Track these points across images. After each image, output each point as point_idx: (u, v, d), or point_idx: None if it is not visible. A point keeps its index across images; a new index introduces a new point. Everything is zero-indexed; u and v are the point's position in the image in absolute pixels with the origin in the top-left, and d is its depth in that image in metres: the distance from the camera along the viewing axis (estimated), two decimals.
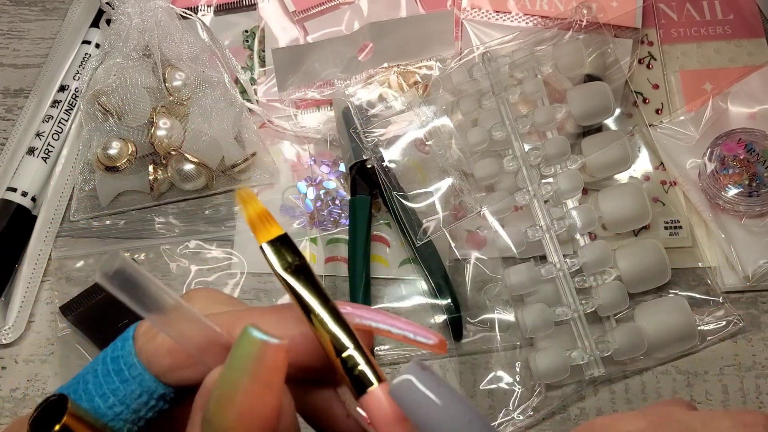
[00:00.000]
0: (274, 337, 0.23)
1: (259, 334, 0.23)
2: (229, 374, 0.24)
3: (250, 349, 0.23)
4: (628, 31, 0.65)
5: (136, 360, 0.27)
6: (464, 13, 0.67)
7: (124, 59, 0.61)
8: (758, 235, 0.58)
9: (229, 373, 0.24)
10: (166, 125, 0.61)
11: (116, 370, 0.27)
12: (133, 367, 0.27)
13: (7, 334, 0.58)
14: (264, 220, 0.26)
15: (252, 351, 0.23)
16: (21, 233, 0.61)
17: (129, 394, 0.27)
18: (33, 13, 0.73)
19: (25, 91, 0.69)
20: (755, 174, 0.57)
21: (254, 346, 0.23)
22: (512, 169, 0.57)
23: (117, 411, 0.27)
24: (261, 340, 0.23)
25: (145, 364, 0.27)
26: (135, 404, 0.27)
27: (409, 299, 0.59)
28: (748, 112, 0.62)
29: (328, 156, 0.64)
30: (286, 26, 0.68)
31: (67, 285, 0.60)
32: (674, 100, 0.65)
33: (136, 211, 0.63)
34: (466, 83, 0.59)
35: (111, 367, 0.27)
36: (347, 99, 0.63)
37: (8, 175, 0.63)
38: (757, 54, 0.66)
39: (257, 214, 0.26)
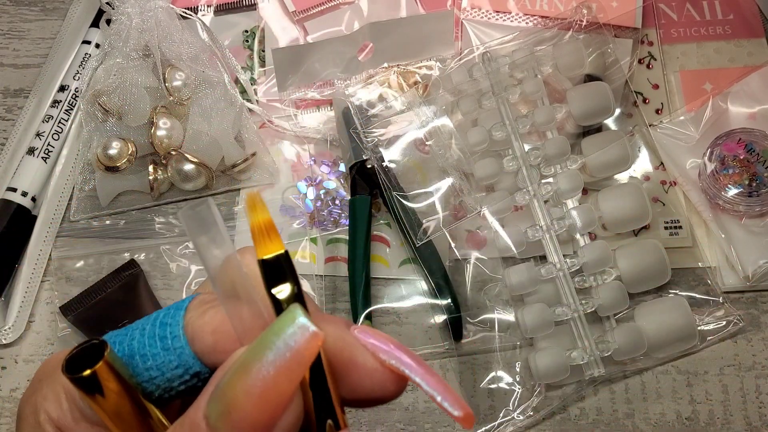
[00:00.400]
0: (315, 328, 0.23)
1: (303, 317, 0.23)
2: (256, 347, 0.23)
3: (287, 328, 0.23)
4: (628, 31, 0.65)
5: (182, 332, 0.27)
6: (464, 13, 0.67)
7: (124, 59, 0.61)
8: (758, 235, 0.58)
9: (257, 346, 0.23)
10: (166, 125, 0.61)
11: (161, 336, 0.27)
12: (176, 339, 0.27)
13: (7, 334, 0.58)
14: (268, 232, 0.25)
15: (288, 331, 0.23)
16: (21, 233, 0.61)
17: (167, 363, 0.27)
18: (33, 13, 0.73)
19: (25, 91, 0.69)
20: (755, 174, 0.57)
21: (293, 327, 0.23)
22: (512, 169, 0.57)
23: (152, 375, 0.27)
24: (302, 324, 0.23)
25: (189, 339, 0.27)
26: (170, 374, 0.27)
27: (409, 299, 0.59)
28: (748, 112, 0.62)
29: (328, 156, 0.64)
30: (286, 26, 0.68)
31: (67, 285, 0.60)
32: (674, 100, 0.65)
33: (136, 211, 0.63)
34: (466, 83, 0.59)
35: (158, 331, 0.27)
36: (347, 99, 0.63)
37: (8, 175, 0.63)
38: (757, 54, 0.66)
39: (263, 224, 0.25)
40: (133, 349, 0.27)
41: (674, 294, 0.58)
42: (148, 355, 0.27)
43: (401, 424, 0.56)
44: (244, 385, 0.23)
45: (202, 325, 0.27)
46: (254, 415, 0.23)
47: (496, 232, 0.56)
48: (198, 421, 0.24)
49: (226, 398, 0.23)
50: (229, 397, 0.23)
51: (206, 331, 0.27)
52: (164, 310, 0.28)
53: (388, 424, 0.56)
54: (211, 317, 0.27)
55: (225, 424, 0.23)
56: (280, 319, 0.23)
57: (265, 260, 0.25)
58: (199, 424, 0.24)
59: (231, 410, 0.23)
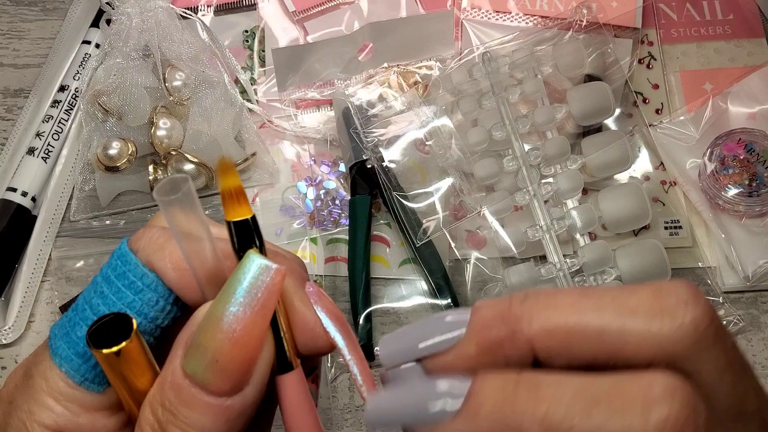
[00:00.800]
0: (274, 263, 0.25)
1: (260, 258, 0.25)
2: (224, 293, 0.24)
3: (250, 270, 0.24)
4: (628, 31, 0.65)
5: (146, 269, 0.28)
6: (464, 13, 0.67)
7: (124, 59, 0.61)
8: (758, 235, 0.58)
9: (225, 292, 0.24)
10: (166, 125, 0.61)
11: (127, 285, 0.27)
12: (145, 276, 0.28)
13: (7, 334, 0.58)
14: (237, 197, 0.26)
15: (253, 272, 0.24)
16: (21, 233, 0.61)
17: (146, 303, 0.28)
18: (33, 13, 0.73)
19: (25, 91, 0.69)
20: (755, 174, 0.57)
21: (256, 268, 0.24)
22: (512, 169, 0.57)
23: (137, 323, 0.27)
24: (263, 264, 0.24)
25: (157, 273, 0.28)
26: (153, 312, 0.28)
27: (409, 299, 0.59)
28: (748, 112, 0.62)
29: (328, 156, 0.64)
30: (286, 26, 0.68)
31: (67, 285, 0.60)
32: (674, 100, 0.65)
33: (136, 211, 0.63)
34: (466, 83, 0.59)
35: (120, 283, 0.28)
36: (347, 99, 0.63)
37: (8, 175, 0.63)
38: (757, 54, 0.66)
39: (233, 189, 0.26)
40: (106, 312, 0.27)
41: None
42: (125, 308, 0.27)
43: None
44: (222, 330, 0.24)
45: (162, 260, 0.28)
46: (240, 355, 0.24)
47: (496, 232, 0.56)
48: (179, 381, 0.25)
49: (208, 349, 0.24)
50: (212, 347, 0.24)
51: (168, 267, 0.28)
52: (106, 268, 0.28)
53: None
54: (170, 253, 0.28)
55: (213, 373, 0.24)
56: (242, 264, 0.25)
57: (234, 222, 0.26)
58: (182, 383, 0.25)
59: (216, 358, 0.24)
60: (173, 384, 0.25)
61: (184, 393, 0.25)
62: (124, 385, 0.26)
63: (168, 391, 0.25)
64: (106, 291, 0.28)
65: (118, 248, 0.29)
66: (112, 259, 0.28)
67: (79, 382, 0.27)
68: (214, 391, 0.24)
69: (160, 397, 0.25)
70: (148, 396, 0.26)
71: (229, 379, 0.24)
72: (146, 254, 0.28)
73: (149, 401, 0.26)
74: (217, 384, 0.24)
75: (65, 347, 0.27)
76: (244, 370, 0.25)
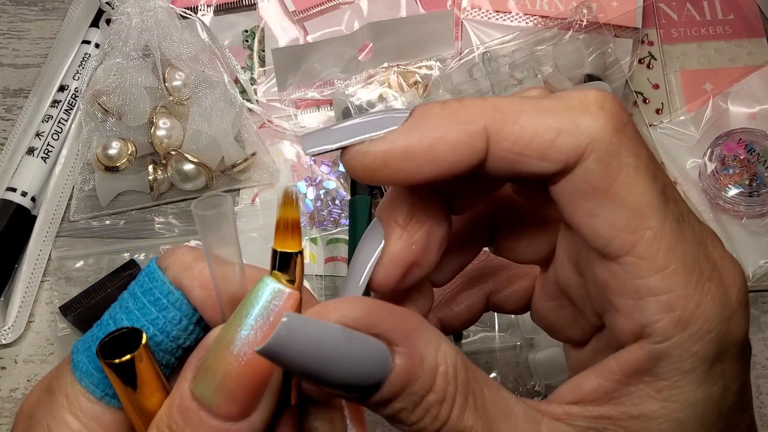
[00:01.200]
0: (287, 287, 0.24)
1: (274, 282, 0.24)
2: (235, 319, 0.24)
3: (263, 294, 0.24)
4: (628, 31, 0.65)
5: (173, 287, 0.28)
6: (464, 13, 0.67)
7: (124, 59, 0.61)
8: (758, 235, 0.58)
9: (236, 318, 0.24)
10: (165, 125, 0.61)
11: (152, 301, 0.28)
12: (171, 294, 0.28)
13: (6, 334, 0.58)
14: (291, 229, 0.26)
15: (265, 296, 0.24)
16: (21, 233, 0.61)
17: (169, 321, 0.27)
18: (33, 12, 0.73)
19: (25, 91, 0.69)
20: (755, 174, 0.57)
21: (268, 291, 0.24)
22: None
23: (157, 341, 0.27)
24: (275, 288, 0.24)
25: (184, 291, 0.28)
26: (175, 331, 0.28)
27: None
28: (749, 112, 0.62)
29: (328, 156, 0.64)
30: (286, 26, 0.68)
31: (67, 285, 0.60)
32: (674, 100, 0.65)
33: (136, 211, 0.63)
34: (466, 83, 0.59)
35: (146, 299, 0.28)
36: (347, 99, 0.63)
37: (8, 175, 0.63)
38: (757, 54, 0.66)
39: (289, 220, 0.26)
40: None
41: None
42: (148, 324, 0.27)
43: None
44: (233, 354, 0.24)
45: (191, 278, 0.28)
46: (248, 380, 0.24)
47: None
48: (187, 403, 0.24)
49: (218, 372, 0.24)
50: (221, 370, 0.24)
51: (196, 285, 0.28)
52: (135, 285, 0.28)
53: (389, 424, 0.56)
54: (200, 270, 0.28)
55: (221, 396, 0.24)
56: (255, 287, 0.24)
57: (280, 252, 0.25)
58: (189, 406, 0.24)
59: (226, 381, 0.24)
60: (181, 406, 0.25)
61: (191, 416, 0.24)
62: (132, 402, 0.26)
63: (175, 414, 0.25)
64: (131, 306, 0.28)
65: (147, 266, 0.29)
66: (140, 276, 0.29)
67: (99, 396, 0.27)
68: (221, 414, 0.24)
69: (167, 419, 0.25)
70: (156, 417, 0.26)
71: (236, 403, 0.24)
72: (174, 272, 0.28)
73: (156, 423, 0.26)
74: (225, 408, 0.24)
75: (86, 361, 0.27)
76: (252, 395, 0.24)
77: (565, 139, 0.23)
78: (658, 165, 0.24)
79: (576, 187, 0.23)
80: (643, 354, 0.23)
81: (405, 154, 0.23)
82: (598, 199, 0.23)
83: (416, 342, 0.23)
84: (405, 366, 0.23)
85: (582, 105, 0.23)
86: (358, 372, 0.23)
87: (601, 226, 0.23)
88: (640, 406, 0.24)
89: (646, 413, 0.24)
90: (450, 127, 0.23)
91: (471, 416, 0.24)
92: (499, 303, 0.33)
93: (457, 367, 0.24)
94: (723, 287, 0.24)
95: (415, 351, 0.23)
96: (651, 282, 0.23)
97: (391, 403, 0.23)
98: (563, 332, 0.30)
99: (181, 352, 0.28)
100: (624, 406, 0.24)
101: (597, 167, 0.23)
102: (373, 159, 0.23)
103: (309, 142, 0.24)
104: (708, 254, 0.24)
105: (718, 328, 0.23)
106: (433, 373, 0.23)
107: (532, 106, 0.23)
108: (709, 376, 0.23)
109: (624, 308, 0.24)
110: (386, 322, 0.23)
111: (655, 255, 0.23)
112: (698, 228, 0.24)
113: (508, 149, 0.23)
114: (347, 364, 0.22)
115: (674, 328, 0.23)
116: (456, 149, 0.23)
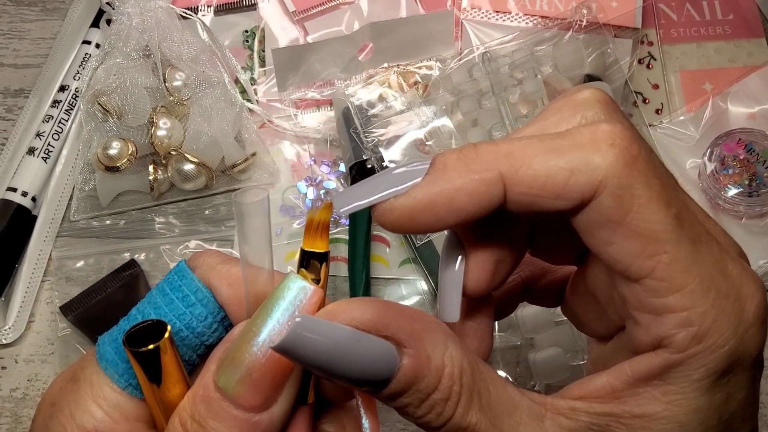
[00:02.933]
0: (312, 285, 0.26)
1: (299, 279, 0.26)
2: (261, 313, 0.25)
3: (288, 290, 0.25)
4: (628, 31, 0.66)
5: (201, 285, 0.29)
6: (464, 13, 0.67)
7: (125, 59, 0.61)
8: (758, 235, 0.58)
9: (262, 312, 0.25)
10: (166, 125, 0.61)
11: (180, 297, 0.29)
12: (198, 292, 0.29)
13: (7, 334, 0.58)
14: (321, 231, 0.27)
15: (291, 292, 0.25)
16: (21, 233, 0.61)
17: (195, 318, 0.28)
18: (33, 13, 0.73)
19: (26, 91, 0.69)
20: (755, 174, 0.58)
21: (293, 287, 0.25)
22: None
23: (182, 336, 0.28)
24: (300, 284, 0.25)
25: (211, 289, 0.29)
26: (200, 327, 0.29)
27: (409, 299, 0.59)
28: (748, 112, 0.62)
29: (328, 156, 0.64)
30: (286, 26, 0.68)
31: (67, 285, 0.60)
32: (674, 100, 0.65)
33: (137, 211, 0.63)
34: (466, 83, 0.59)
35: (175, 295, 0.29)
36: (347, 99, 0.63)
37: (8, 175, 0.63)
38: (756, 54, 0.66)
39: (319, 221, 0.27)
40: None
41: None
42: (174, 319, 0.28)
43: (401, 424, 0.56)
44: (258, 345, 0.25)
45: (219, 277, 0.29)
46: (272, 371, 0.25)
47: None
48: (210, 393, 0.25)
49: (242, 363, 0.25)
50: (246, 361, 0.25)
51: (224, 284, 0.29)
52: (164, 283, 0.30)
53: (389, 424, 0.56)
54: (228, 270, 0.29)
55: (245, 387, 0.25)
56: (281, 283, 0.25)
57: (307, 251, 0.27)
58: (213, 396, 0.25)
59: (249, 372, 0.25)
60: (204, 397, 0.26)
61: (214, 406, 0.25)
62: (154, 392, 0.27)
63: (199, 404, 0.26)
64: (159, 302, 0.29)
65: (177, 265, 0.30)
66: (169, 274, 0.30)
67: (123, 386, 0.28)
68: (244, 404, 0.25)
69: (190, 409, 0.26)
70: (179, 407, 0.27)
71: (259, 394, 0.25)
72: (203, 271, 0.29)
73: (179, 413, 0.26)
74: (248, 398, 0.25)
75: (112, 352, 0.28)
76: (274, 387, 0.26)
77: (578, 179, 0.24)
78: (673, 190, 0.25)
79: (593, 219, 0.24)
80: (657, 362, 0.25)
81: (427, 207, 0.25)
82: (614, 229, 0.24)
83: (424, 343, 0.24)
84: (412, 366, 0.24)
85: (592, 142, 0.24)
86: (366, 369, 0.24)
87: (619, 253, 0.24)
88: (644, 407, 0.25)
89: (649, 413, 0.25)
90: (467, 177, 0.24)
91: (475, 414, 0.25)
92: (534, 293, 0.34)
93: (463, 367, 0.25)
94: (740, 303, 0.25)
95: (422, 352, 0.24)
96: (669, 301, 0.24)
97: (399, 398, 0.24)
98: (589, 326, 0.31)
99: (204, 349, 0.29)
100: (628, 405, 0.25)
101: (611, 201, 0.24)
102: (399, 215, 0.25)
103: (340, 201, 0.26)
104: (726, 272, 0.25)
105: (731, 342, 0.24)
106: (439, 373, 0.24)
107: (544, 148, 0.24)
108: (716, 385, 0.24)
109: (643, 321, 0.25)
110: (394, 324, 0.24)
111: (673, 276, 0.24)
112: (716, 248, 0.26)
113: (524, 192, 0.24)
114: (356, 362, 0.24)
115: (690, 342, 0.24)
116: (473, 198, 0.24)
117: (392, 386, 0.24)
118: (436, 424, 0.25)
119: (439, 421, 0.25)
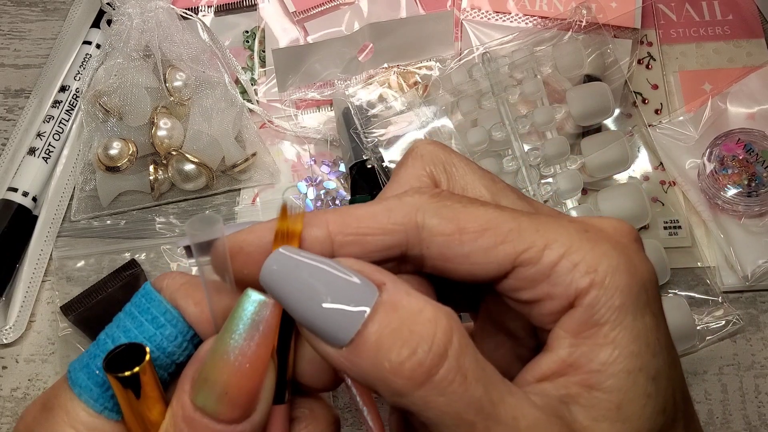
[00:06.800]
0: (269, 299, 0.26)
1: (257, 294, 0.26)
2: (227, 331, 0.26)
3: (248, 306, 0.26)
4: (627, 32, 0.66)
5: (170, 306, 0.30)
6: (464, 13, 0.67)
7: (125, 60, 0.62)
8: (757, 235, 0.58)
9: (228, 331, 0.26)
10: (166, 125, 0.61)
11: (149, 319, 0.29)
12: (168, 313, 0.29)
13: (7, 333, 0.58)
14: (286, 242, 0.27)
15: (251, 308, 0.26)
16: (22, 233, 0.61)
17: (165, 338, 0.29)
18: (34, 13, 0.73)
19: (26, 92, 0.69)
20: (754, 174, 0.58)
21: (253, 304, 0.26)
22: (512, 169, 0.57)
23: (154, 356, 0.29)
24: (259, 299, 0.26)
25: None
26: (171, 347, 0.29)
27: None
28: (747, 112, 0.62)
29: (328, 156, 0.64)
30: (287, 27, 0.68)
31: (68, 285, 0.60)
32: (673, 100, 0.65)
33: (137, 211, 0.63)
34: (465, 83, 0.59)
35: (143, 318, 0.29)
36: (347, 99, 0.63)
37: (9, 175, 0.63)
38: (756, 54, 0.66)
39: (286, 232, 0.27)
40: None
41: (673, 294, 0.58)
42: (145, 341, 0.29)
43: None
44: (230, 364, 0.26)
45: (185, 297, 0.30)
46: (247, 386, 0.26)
47: None
48: (191, 413, 0.26)
49: (218, 383, 0.26)
50: (221, 381, 0.26)
51: (190, 303, 0.30)
52: (131, 306, 0.30)
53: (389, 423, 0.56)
54: (193, 289, 0.30)
55: (224, 404, 0.26)
56: (241, 301, 0.26)
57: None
58: (193, 416, 0.26)
59: (226, 390, 0.26)
60: (185, 417, 0.26)
61: (197, 424, 0.26)
62: (135, 414, 0.27)
63: (180, 423, 0.26)
64: (128, 325, 0.29)
65: (143, 288, 0.30)
66: (135, 297, 0.30)
67: (99, 410, 0.28)
68: (225, 419, 0.26)
69: (173, 429, 0.27)
70: (161, 428, 0.27)
71: (238, 408, 0.26)
72: (170, 292, 0.30)
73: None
74: (228, 414, 0.26)
75: (85, 378, 0.28)
76: (251, 398, 0.26)
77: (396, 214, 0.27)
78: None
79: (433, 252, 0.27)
80: (579, 312, 0.26)
81: None
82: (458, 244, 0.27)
83: (398, 283, 0.25)
84: (390, 299, 0.25)
85: None
86: (342, 298, 0.25)
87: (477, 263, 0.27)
88: (597, 358, 0.26)
89: (603, 360, 0.26)
90: None
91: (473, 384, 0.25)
92: None
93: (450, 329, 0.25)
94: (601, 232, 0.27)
95: (401, 287, 0.25)
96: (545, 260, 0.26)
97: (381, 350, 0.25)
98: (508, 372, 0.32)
99: (174, 367, 0.30)
100: (583, 365, 0.26)
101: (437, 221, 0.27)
102: None
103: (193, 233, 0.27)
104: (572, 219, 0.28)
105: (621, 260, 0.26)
106: (426, 316, 0.25)
107: None
108: (637, 306, 0.26)
109: (542, 295, 0.27)
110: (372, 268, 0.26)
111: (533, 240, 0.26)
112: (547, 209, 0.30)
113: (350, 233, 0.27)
114: (334, 290, 0.25)
115: (585, 275, 0.26)
116: None
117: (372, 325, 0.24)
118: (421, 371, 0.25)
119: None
